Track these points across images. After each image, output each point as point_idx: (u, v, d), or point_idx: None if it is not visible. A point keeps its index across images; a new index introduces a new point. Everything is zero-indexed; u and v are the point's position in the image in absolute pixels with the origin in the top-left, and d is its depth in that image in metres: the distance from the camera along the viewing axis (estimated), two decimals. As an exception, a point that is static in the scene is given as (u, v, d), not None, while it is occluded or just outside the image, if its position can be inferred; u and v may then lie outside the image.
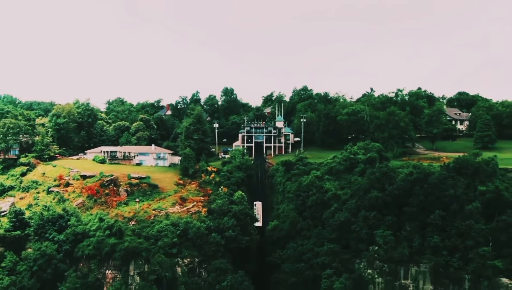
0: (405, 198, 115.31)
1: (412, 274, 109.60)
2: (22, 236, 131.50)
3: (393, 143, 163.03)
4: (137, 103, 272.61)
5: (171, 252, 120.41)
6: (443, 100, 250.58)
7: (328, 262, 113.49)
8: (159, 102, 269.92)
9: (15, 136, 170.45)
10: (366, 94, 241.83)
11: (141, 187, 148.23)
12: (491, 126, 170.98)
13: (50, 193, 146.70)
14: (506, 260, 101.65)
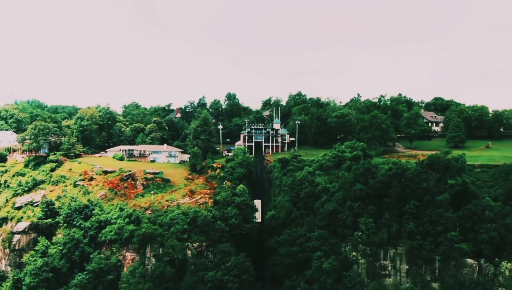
0: (385, 190, 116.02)
1: (390, 256, 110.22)
2: (52, 224, 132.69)
3: (376, 142, 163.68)
4: (150, 107, 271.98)
5: (182, 237, 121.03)
6: (422, 104, 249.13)
7: (318, 246, 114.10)
8: (169, 106, 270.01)
9: (45, 137, 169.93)
10: (354, 99, 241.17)
11: (155, 181, 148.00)
12: (462, 127, 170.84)
13: (76, 186, 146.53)
14: (470, 243, 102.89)
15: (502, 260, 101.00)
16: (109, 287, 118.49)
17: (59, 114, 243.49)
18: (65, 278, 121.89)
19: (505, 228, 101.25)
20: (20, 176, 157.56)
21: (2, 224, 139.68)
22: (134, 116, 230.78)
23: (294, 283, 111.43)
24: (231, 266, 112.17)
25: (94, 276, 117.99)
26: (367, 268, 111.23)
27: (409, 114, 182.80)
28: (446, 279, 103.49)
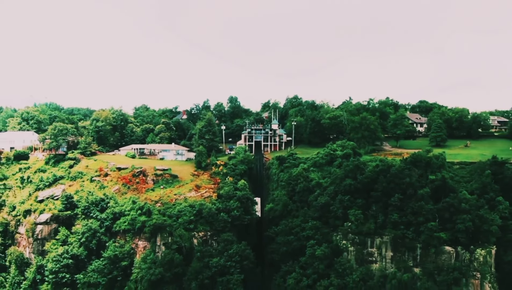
0: (372, 185, 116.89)
1: (377, 244, 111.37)
2: (72, 215, 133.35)
3: (365, 142, 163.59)
4: (158, 109, 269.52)
5: (189, 227, 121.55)
6: (409, 106, 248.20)
7: (311, 235, 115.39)
8: (176, 108, 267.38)
9: (64, 136, 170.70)
10: (345, 101, 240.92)
11: (164, 177, 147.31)
12: (443, 128, 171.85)
13: (92, 181, 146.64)
14: (448, 232, 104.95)
15: (476, 247, 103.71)
16: (123, 272, 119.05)
17: (75, 116, 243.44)
18: (83, 264, 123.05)
19: (479, 219, 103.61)
20: (41, 173, 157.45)
21: (26, 215, 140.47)
22: (144, 117, 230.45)
23: (290, 268, 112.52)
24: (233, 253, 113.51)
25: (110, 262, 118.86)
26: (355, 255, 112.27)
27: (396, 116, 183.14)
28: (426, 264, 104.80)
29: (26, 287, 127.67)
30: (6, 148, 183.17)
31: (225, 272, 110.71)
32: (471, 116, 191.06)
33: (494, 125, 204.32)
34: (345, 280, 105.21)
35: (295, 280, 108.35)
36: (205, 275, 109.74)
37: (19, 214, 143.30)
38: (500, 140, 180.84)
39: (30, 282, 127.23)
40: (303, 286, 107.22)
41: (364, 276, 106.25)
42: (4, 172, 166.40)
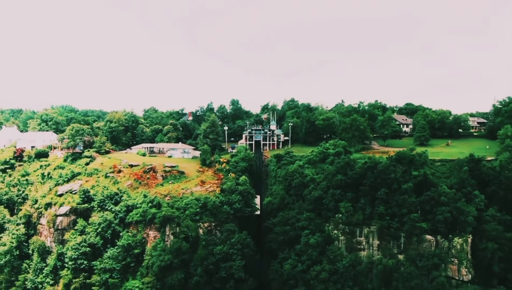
0: (361, 180, 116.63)
1: (365, 233, 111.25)
2: (89, 208, 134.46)
3: (355, 141, 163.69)
4: (166, 111, 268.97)
5: (195, 219, 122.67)
6: (396, 108, 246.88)
7: (306, 225, 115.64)
8: (182, 110, 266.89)
9: (80, 136, 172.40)
10: (338, 104, 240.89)
11: (173, 173, 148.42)
12: (426, 129, 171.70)
13: (107, 177, 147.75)
14: (429, 223, 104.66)
15: (454, 236, 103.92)
16: (135, 259, 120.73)
17: (90, 117, 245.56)
18: (99, 251, 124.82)
19: (457, 211, 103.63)
20: (60, 169, 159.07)
21: (47, 208, 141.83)
22: (153, 119, 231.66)
23: (286, 255, 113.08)
24: (235, 242, 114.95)
25: (123, 250, 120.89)
26: (345, 243, 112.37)
27: (383, 118, 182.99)
28: (409, 251, 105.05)
29: (47, 272, 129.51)
30: (28, 147, 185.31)
31: (228, 259, 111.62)
32: (452, 118, 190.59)
33: (473, 126, 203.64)
34: (336, 266, 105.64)
35: (291, 266, 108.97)
36: (209, 261, 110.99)
37: (40, 206, 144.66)
38: (479, 139, 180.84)
39: (51, 268, 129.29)
40: (298, 271, 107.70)
41: (353, 262, 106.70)
42: (26, 169, 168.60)
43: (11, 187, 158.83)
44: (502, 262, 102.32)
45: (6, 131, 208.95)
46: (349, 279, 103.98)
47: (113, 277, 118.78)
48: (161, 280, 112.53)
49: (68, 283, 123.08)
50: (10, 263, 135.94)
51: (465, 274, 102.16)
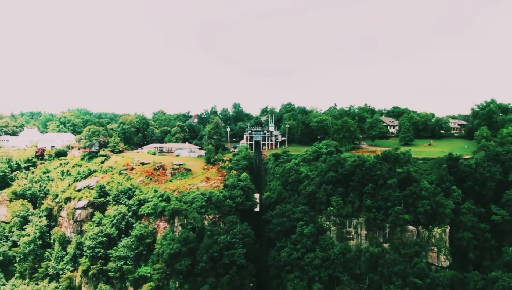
0: (350, 176, 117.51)
1: (353, 224, 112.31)
2: (105, 202, 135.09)
3: (345, 141, 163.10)
4: (173, 113, 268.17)
5: (201, 211, 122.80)
6: (384, 111, 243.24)
7: (301, 217, 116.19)
8: (188, 113, 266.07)
9: (96, 137, 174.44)
10: (331, 107, 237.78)
11: (180, 170, 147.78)
12: (411, 130, 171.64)
13: (121, 174, 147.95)
14: (411, 214, 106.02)
15: (434, 226, 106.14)
16: (147, 248, 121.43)
17: (103, 119, 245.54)
18: (115, 241, 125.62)
19: (436, 204, 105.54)
20: (78, 167, 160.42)
21: (67, 202, 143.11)
22: (162, 121, 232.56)
23: (283, 244, 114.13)
24: (237, 232, 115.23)
25: (136, 239, 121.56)
26: (336, 233, 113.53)
27: (372, 120, 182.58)
28: (393, 240, 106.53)
29: (67, 260, 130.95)
30: (48, 146, 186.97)
31: (230, 247, 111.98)
32: (434, 120, 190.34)
33: (454, 127, 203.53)
34: (328, 253, 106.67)
35: (287, 254, 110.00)
36: (214, 249, 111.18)
37: (61, 201, 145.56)
38: (459, 139, 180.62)
39: (71, 256, 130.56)
40: (294, 258, 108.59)
41: (343, 250, 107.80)
42: (47, 167, 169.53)
43: (34, 183, 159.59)
44: (477, 250, 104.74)
45: (27, 132, 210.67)
46: (339, 265, 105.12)
47: (127, 264, 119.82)
48: (170, 266, 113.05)
49: (86, 270, 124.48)
50: (33, 252, 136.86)
51: (444, 260, 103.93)
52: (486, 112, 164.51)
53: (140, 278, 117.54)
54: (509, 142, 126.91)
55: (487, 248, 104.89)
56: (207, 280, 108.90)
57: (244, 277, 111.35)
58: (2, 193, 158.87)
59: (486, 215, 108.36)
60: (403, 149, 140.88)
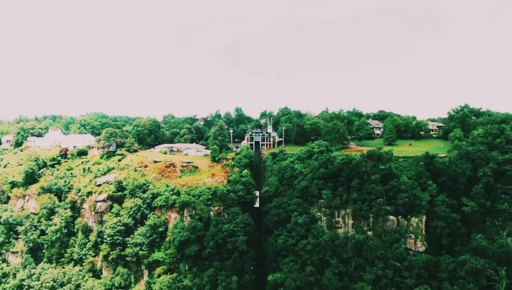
0: (339, 172, 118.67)
1: (341, 215, 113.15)
2: (122, 195, 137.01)
3: (335, 141, 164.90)
4: (181, 117, 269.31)
5: (207, 203, 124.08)
6: (371, 114, 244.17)
7: (295, 208, 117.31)
8: (195, 116, 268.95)
9: (114, 138, 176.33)
10: (323, 111, 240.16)
11: (188, 168, 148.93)
12: (393, 131, 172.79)
13: (136, 171, 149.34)
14: (392, 206, 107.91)
15: (412, 216, 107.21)
16: (160, 236, 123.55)
17: (118, 122, 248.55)
18: (131, 230, 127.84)
19: (414, 196, 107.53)
20: (97, 165, 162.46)
21: (88, 195, 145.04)
22: (171, 123, 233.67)
23: (280, 232, 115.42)
24: (239, 222, 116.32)
25: (150, 228, 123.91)
26: (326, 223, 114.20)
27: (359, 123, 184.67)
28: (376, 229, 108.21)
29: (90, 246, 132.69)
30: (71, 146, 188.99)
31: (233, 235, 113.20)
32: (415, 123, 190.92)
33: (433, 129, 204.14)
34: (319, 240, 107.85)
35: (283, 240, 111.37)
36: (219, 236, 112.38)
37: (83, 194, 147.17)
38: (436, 140, 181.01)
39: (93, 243, 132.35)
40: (289, 244, 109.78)
41: (332, 237, 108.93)
42: (70, 164, 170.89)
43: (59, 179, 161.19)
44: (449, 237, 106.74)
45: (52, 133, 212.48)
46: (329, 250, 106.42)
47: (142, 250, 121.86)
48: (180, 252, 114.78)
49: (106, 255, 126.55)
50: (60, 239, 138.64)
51: (420, 246, 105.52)
52: (460, 116, 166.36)
53: (154, 262, 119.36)
54: (479, 142, 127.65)
55: (458, 235, 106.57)
56: (213, 264, 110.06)
57: (245, 261, 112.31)
58: (31, 188, 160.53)
59: (458, 206, 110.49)
60: (386, 148, 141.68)
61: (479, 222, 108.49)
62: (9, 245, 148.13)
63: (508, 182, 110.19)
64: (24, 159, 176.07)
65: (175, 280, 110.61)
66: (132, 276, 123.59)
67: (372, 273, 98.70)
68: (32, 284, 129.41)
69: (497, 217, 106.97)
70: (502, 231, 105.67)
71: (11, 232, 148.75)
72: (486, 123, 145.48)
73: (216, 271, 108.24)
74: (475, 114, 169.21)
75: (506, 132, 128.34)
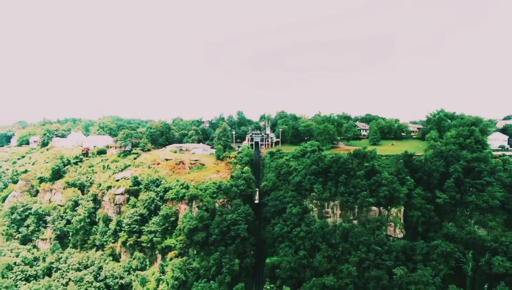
0: (328, 169, 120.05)
1: (330, 206, 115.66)
2: (138, 189, 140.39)
3: (326, 142, 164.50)
4: (189, 119, 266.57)
5: (213, 196, 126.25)
6: (359, 117, 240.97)
7: (290, 200, 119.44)
8: (201, 119, 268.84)
9: (129, 139, 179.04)
10: (316, 115, 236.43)
11: (196, 165, 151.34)
12: (378, 133, 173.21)
13: (150, 168, 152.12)
14: (374, 198, 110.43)
15: (391, 207, 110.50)
16: (171, 224, 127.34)
17: (132, 124, 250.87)
18: (146, 219, 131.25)
19: (393, 190, 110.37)
20: (115, 162, 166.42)
21: (108, 189, 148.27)
22: (180, 126, 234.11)
23: (276, 221, 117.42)
24: (241, 212, 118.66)
25: (163, 218, 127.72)
26: (317, 213, 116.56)
27: (347, 125, 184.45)
28: (361, 218, 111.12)
29: (110, 234, 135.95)
30: (91, 146, 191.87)
31: (236, 223, 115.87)
32: (397, 125, 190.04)
33: (414, 130, 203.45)
34: (311, 228, 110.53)
35: (279, 228, 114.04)
36: (223, 225, 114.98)
37: (103, 188, 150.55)
38: (416, 140, 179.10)
39: (112, 231, 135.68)
40: (284, 232, 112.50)
41: (322, 225, 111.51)
42: (91, 162, 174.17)
43: (82, 175, 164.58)
44: (424, 225, 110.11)
45: (74, 135, 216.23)
46: (319, 237, 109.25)
47: (156, 237, 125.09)
48: (189, 238, 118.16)
49: (124, 241, 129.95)
50: (83, 228, 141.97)
51: (399, 233, 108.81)
52: (436, 119, 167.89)
53: (166, 247, 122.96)
54: (452, 143, 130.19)
55: (431, 223, 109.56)
56: (218, 248, 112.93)
57: (246, 246, 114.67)
58: (57, 182, 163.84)
59: (432, 199, 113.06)
60: (371, 148, 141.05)
61: (450, 212, 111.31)
62: (39, 233, 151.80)
63: (476, 177, 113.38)
64: (51, 158, 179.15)
65: (185, 263, 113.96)
66: (147, 260, 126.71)
67: (356, 256, 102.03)
68: (60, 266, 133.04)
69: (465, 208, 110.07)
70: (470, 219, 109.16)
71: (41, 221, 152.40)
72: (459, 125, 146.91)
73: (221, 255, 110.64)
74: (449, 118, 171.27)
75: (475, 133, 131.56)
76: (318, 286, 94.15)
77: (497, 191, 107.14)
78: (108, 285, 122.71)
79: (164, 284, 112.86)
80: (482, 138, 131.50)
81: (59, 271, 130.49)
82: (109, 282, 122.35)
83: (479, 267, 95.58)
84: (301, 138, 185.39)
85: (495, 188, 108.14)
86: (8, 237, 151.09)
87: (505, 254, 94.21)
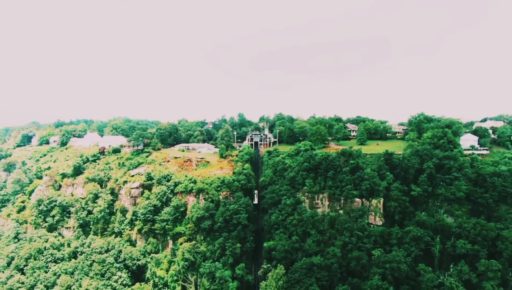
0: (319, 166, 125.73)
1: (320, 198, 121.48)
2: (151, 183, 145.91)
3: (318, 142, 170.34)
4: (193, 121, 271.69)
5: (217, 189, 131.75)
6: (350, 119, 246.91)
7: (285, 193, 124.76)
8: (205, 120, 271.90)
9: (141, 139, 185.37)
10: (311, 117, 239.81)
11: (202, 162, 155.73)
12: (365, 134, 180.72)
13: (161, 165, 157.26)
14: (358, 191, 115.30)
15: (372, 199, 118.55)
16: (181, 214, 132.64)
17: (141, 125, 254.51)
18: (159, 210, 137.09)
19: (374, 184, 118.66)
20: (129, 160, 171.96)
21: (124, 184, 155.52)
22: (186, 126, 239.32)
23: (273, 211, 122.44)
24: (242, 203, 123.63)
25: (174, 209, 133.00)
26: (309, 204, 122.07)
27: (338, 126, 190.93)
28: (346, 208, 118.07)
29: (127, 223, 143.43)
30: (106, 146, 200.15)
31: (237, 213, 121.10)
32: (382, 127, 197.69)
33: (399, 131, 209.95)
34: (302, 216, 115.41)
35: (275, 217, 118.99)
36: (226, 214, 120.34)
37: (120, 183, 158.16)
38: (400, 141, 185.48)
39: (129, 220, 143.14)
40: (280, 220, 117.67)
41: (313, 214, 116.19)
42: (108, 160, 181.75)
43: (100, 171, 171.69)
44: (400, 214, 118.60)
45: (90, 135, 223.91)
46: (310, 224, 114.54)
47: (168, 225, 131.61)
48: (197, 226, 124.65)
49: (140, 229, 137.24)
50: (103, 217, 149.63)
51: (378, 221, 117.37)
52: (417, 121, 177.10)
53: (177, 234, 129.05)
54: (427, 143, 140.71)
55: (407, 213, 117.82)
56: (222, 234, 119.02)
57: (246, 233, 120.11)
58: (78, 178, 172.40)
59: (407, 191, 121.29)
60: (357, 147, 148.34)
61: (423, 203, 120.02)
62: (63, 222, 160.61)
63: (446, 173, 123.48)
64: (71, 156, 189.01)
65: (194, 246, 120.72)
66: (160, 245, 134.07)
67: (341, 240, 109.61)
68: (84, 250, 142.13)
69: (436, 199, 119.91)
70: (440, 209, 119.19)
71: (64, 212, 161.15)
72: (435, 127, 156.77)
73: (225, 240, 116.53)
74: (428, 120, 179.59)
75: (448, 134, 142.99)
76: (308, 264, 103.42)
77: (463, 184, 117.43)
78: (127, 265, 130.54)
79: (175, 265, 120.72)
80: (454, 139, 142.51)
81: (84, 254, 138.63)
82: (128, 263, 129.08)
83: (446, 249, 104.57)
84: (296, 138, 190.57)
85: (461, 182, 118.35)
86: (36, 226, 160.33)
87: (467, 238, 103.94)
